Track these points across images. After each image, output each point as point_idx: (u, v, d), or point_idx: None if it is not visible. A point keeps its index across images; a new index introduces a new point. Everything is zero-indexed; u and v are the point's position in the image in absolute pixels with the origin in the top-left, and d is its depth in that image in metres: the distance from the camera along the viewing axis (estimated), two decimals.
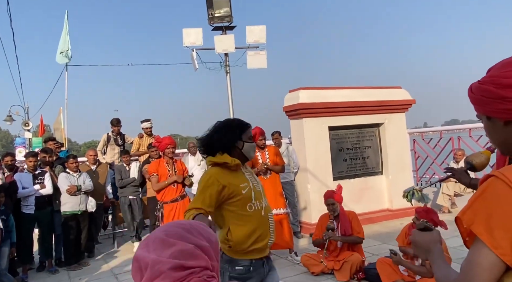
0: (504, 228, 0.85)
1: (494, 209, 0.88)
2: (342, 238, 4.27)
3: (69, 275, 5.13)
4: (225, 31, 7.53)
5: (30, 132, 19.02)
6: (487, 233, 0.87)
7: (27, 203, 5.08)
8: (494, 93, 0.98)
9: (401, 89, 7.27)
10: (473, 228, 0.90)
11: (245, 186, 2.18)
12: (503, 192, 0.88)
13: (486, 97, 1.01)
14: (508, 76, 0.97)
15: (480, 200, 0.92)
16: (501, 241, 0.85)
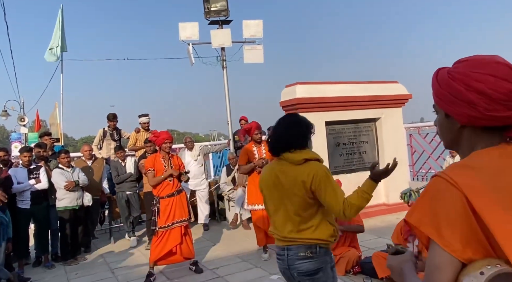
0: (450, 224, 0.85)
1: (438, 207, 0.87)
2: (345, 227, 4.28)
3: (66, 270, 5.13)
4: (222, 25, 7.49)
5: (26, 127, 18.91)
6: (436, 232, 0.86)
7: (23, 198, 5.06)
8: (464, 95, 0.92)
9: (398, 84, 7.27)
10: (423, 229, 0.89)
11: None
12: (445, 189, 0.88)
13: (453, 96, 0.94)
14: (481, 81, 0.90)
15: (425, 200, 0.91)
16: (450, 238, 0.85)
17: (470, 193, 0.84)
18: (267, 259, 4.88)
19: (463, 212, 0.84)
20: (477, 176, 0.87)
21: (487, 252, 0.84)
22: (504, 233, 0.81)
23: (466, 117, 0.94)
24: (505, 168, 0.89)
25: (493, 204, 0.83)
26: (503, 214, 0.82)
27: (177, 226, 4.50)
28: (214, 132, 27.79)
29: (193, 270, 4.65)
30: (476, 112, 0.92)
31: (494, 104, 0.90)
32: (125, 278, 4.65)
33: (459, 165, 0.94)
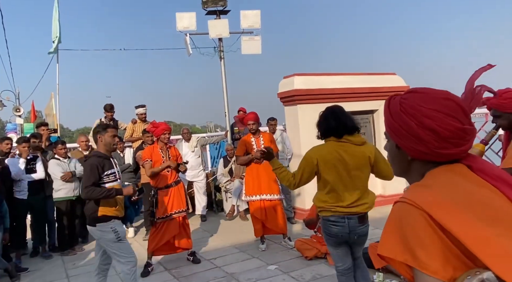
0: (423, 245, 0.83)
1: (406, 231, 0.86)
2: None
3: (63, 260, 5.14)
4: (219, 15, 7.42)
5: (22, 118, 18.78)
6: (412, 257, 0.84)
7: (20, 188, 5.05)
8: (414, 131, 0.94)
9: (396, 76, 7.27)
10: (399, 258, 0.86)
11: None
12: (407, 212, 0.87)
13: (404, 131, 0.96)
14: (431, 117, 0.92)
15: (391, 229, 0.90)
16: (427, 259, 0.82)
17: (432, 209, 0.84)
18: (264, 249, 4.92)
19: (430, 230, 0.84)
20: (434, 193, 0.88)
21: (468, 266, 0.83)
22: (473, 239, 0.80)
23: (416, 152, 0.97)
24: (457, 183, 0.90)
25: (455, 214, 0.83)
26: (468, 222, 0.82)
27: (175, 216, 4.51)
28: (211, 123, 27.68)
29: (190, 260, 4.68)
30: (425, 148, 0.94)
31: (442, 142, 0.92)
32: None
33: (416, 186, 0.95)
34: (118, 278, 4.40)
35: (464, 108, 0.95)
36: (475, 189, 0.90)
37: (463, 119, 0.93)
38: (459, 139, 0.93)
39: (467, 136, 0.94)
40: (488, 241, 0.80)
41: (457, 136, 0.92)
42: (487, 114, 9.15)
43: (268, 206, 4.89)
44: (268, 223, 4.93)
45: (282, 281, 3.97)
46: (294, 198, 6.53)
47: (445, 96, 0.95)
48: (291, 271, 4.16)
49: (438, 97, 0.95)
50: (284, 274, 4.12)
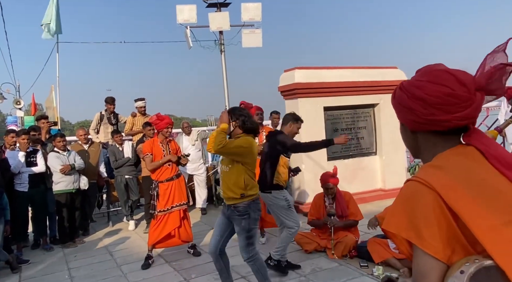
0: (429, 225, 0.84)
1: (415, 209, 0.87)
2: (343, 223, 4.33)
3: (64, 253, 5.16)
4: (220, 8, 7.37)
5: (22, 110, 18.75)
6: (416, 235, 0.85)
7: (20, 180, 5.05)
8: (406, 102, 0.99)
9: (397, 70, 7.23)
10: (403, 234, 0.88)
11: None
12: (419, 192, 0.88)
13: (400, 105, 1.01)
14: (420, 87, 0.96)
15: (400, 205, 0.91)
16: (430, 239, 0.84)
17: (444, 192, 0.85)
18: (264, 242, 4.93)
19: (439, 211, 0.84)
20: (447, 176, 0.88)
21: (467, 252, 0.84)
22: (481, 227, 0.81)
23: (410, 123, 1.00)
24: (470, 167, 0.91)
25: (467, 200, 0.84)
26: (478, 209, 0.83)
27: (176, 209, 4.52)
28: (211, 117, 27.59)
29: (191, 253, 4.70)
30: (415, 117, 0.97)
31: (430, 108, 0.94)
32: (123, 261, 4.69)
33: (429, 167, 0.95)
34: (115, 262, 4.42)
35: (458, 77, 0.94)
36: (488, 176, 0.90)
37: (453, 86, 0.93)
38: (448, 105, 0.93)
39: (461, 103, 0.93)
40: (494, 230, 0.81)
41: (446, 102, 0.93)
42: (488, 109, 9.11)
43: None
44: (267, 217, 4.93)
45: (281, 273, 3.98)
46: (294, 192, 6.54)
47: (437, 68, 0.99)
48: None
49: (431, 69, 0.99)
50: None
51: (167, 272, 4.25)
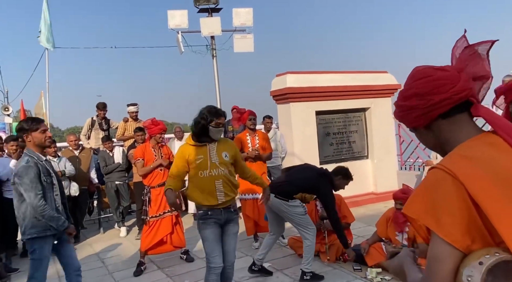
0: (450, 214, 0.85)
1: (437, 197, 0.88)
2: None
3: (54, 260, 5.06)
4: (211, 13, 7.39)
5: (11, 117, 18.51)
6: (436, 222, 0.87)
7: (9, 187, 4.96)
8: (405, 106, 1.06)
9: (387, 74, 7.31)
10: (422, 220, 0.89)
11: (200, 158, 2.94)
12: (443, 180, 0.89)
13: (402, 112, 1.08)
14: (410, 88, 1.05)
15: (423, 192, 0.92)
16: (450, 228, 0.85)
17: (468, 182, 0.85)
18: (257, 247, 4.91)
19: (462, 201, 0.85)
20: (473, 165, 0.89)
21: (486, 242, 0.85)
22: (503, 220, 0.81)
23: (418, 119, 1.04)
24: (495, 157, 0.91)
25: (491, 192, 0.84)
26: (502, 202, 0.83)
27: (168, 215, 4.48)
28: None
29: (184, 259, 4.66)
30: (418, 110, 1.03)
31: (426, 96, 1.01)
32: (115, 268, 4.63)
33: (455, 155, 0.95)
34: (106, 269, 4.36)
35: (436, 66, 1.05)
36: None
37: (435, 73, 1.02)
38: (439, 87, 1.00)
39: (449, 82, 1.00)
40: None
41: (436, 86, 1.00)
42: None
43: (261, 205, 4.88)
44: (261, 222, 4.92)
45: (275, 278, 3.98)
46: None
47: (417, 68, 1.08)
48: (285, 268, 4.17)
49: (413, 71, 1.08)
50: (277, 271, 4.12)
51: (160, 279, 4.21)
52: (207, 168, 2.93)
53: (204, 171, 2.93)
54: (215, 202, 2.95)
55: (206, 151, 2.97)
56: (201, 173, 2.93)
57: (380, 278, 3.70)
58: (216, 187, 2.95)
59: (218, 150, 3.01)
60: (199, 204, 3.00)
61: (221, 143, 3.06)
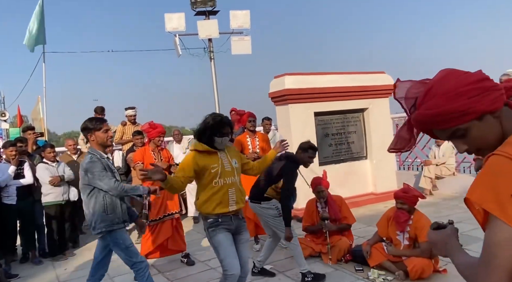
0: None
1: (500, 183, 0.89)
2: (337, 227, 4.34)
3: (54, 266, 5.05)
4: (208, 16, 7.40)
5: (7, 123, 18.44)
6: (499, 208, 0.87)
7: (8, 193, 4.94)
8: (479, 89, 0.98)
9: (385, 75, 7.33)
10: (485, 206, 0.90)
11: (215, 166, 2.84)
12: (506, 166, 0.90)
13: (477, 95, 0.98)
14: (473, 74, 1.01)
15: (486, 177, 0.93)
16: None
17: None
18: (258, 250, 4.89)
19: None
20: None
21: None
22: None
23: (495, 101, 0.99)
24: None
25: None
26: None
27: (168, 219, 4.47)
28: None
29: (184, 262, 4.64)
30: (497, 92, 0.99)
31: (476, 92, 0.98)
32: (115, 272, 4.60)
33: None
34: (106, 274, 4.33)
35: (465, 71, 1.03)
36: None
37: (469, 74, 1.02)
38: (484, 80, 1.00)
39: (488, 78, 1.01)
40: None
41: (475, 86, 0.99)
42: None
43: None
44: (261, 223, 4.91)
45: (277, 280, 3.96)
46: None
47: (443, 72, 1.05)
48: (286, 270, 4.15)
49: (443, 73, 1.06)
50: (279, 273, 4.11)
51: None
52: (222, 176, 2.85)
53: (219, 180, 2.85)
54: (227, 210, 2.87)
55: (218, 159, 2.89)
56: (215, 182, 2.84)
57: (382, 279, 3.70)
58: (229, 195, 2.88)
59: (228, 157, 2.96)
60: (209, 213, 2.89)
61: (229, 150, 3.01)
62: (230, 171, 2.89)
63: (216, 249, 2.88)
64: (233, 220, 2.92)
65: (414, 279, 3.56)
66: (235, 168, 2.95)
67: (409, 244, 3.76)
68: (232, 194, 2.89)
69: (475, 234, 4.66)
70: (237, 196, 2.91)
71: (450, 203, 6.51)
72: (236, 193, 2.91)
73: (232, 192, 2.88)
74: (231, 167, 2.92)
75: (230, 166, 2.91)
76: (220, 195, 2.84)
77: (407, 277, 3.62)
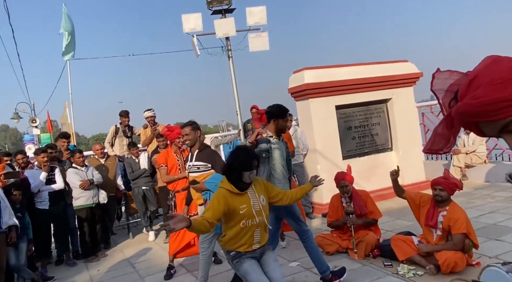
0: None
1: None
2: (363, 221, 4.28)
3: (87, 267, 5.22)
4: (225, 14, 7.38)
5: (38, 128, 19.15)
6: None
7: (41, 199, 5.14)
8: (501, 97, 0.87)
9: (408, 63, 7.12)
10: None
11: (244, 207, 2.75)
12: None
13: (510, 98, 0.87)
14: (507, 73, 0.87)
15: None
16: None
17: None
18: (284, 246, 4.89)
19: None
20: None
21: None
22: None
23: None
24: None
25: None
26: None
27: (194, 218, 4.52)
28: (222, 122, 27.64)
29: (212, 261, 4.68)
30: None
31: None
32: (146, 272, 4.72)
33: None
34: (137, 273, 4.45)
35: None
36: None
37: None
38: None
39: None
40: None
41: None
42: None
43: None
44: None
45: (305, 277, 3.95)
46: (311, 193, 6.48)
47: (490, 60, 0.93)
48: (313, 267, 4.11)
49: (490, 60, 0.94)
50: (306, 270, 4.09)
51: (190, 281, 4.25)
52: (251, 216, 2.77)
53: (247, 220, 2.77)
54: (250, 249, 2.83)
55: (248, 198, 2.81)
56: (243, 223, 2.76)
57: (412, 274, 3.61)
58: (255, 236, 2.82)
59: (257, 195, 2.87)
60: (233, 250, 2.83)
61: (256, 184, 2.91)
62: (258, 211, 2.82)
63: (246, 278, 2.83)
64: (254, 252, 2.86)
65: (446, 273, 3.45)
66: (264, 206, 2.87)
67: (442, 235, 3.65)
68: (257, 234, 2.83)
69: (509, 224, 4.49)
70: (262, 235, 2.85)
71: (482, 192, 6.29)
72: (261, 233, 2.85)
73: (257, 232, 2.83)
74: (259, 206, 2.84)
75: (259, 205, 2.84)
76: (246, 236, 2.79)
77: (438, 271, 3.51)
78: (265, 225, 2.86)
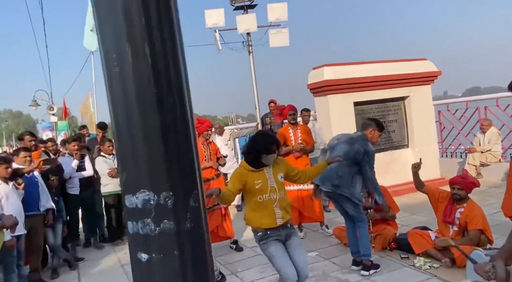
0: None
1: None
2: (381, 215, 4.44)
3: (115, 250, 5.51)
4: (247, 10, 7.54)
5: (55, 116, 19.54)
6: None
7: (72, 184, 5.42)
8: None
9: (426, 61, 7.20)
10: None
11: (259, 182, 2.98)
12: None
13: None
14: None
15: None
16: None
17: None
18: (303, 237, 5.09)
19: None
20: None
21: None
22: None
23: None
24: None
25: None
26: None
27: (217, 208, 4.75)
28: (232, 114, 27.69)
29: (233, 248, 4.92)
30: None
31: None
32: None
33: None
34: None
35: None
36: None
37: None
38: None
39: None
40: None
41: None
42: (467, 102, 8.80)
43: (305, 195, 5.05)
44: (305, 212, 5.10)
45: (324, 266, 4.15)
46: None
47: None
48: (332, 257, 4.33)
49: None
50: (325, 260, 4.29)
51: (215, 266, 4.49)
52: (267, 191, 2.96)
53: (263, 195, 2.96)
54: (274, 225, 2.98)
55: (264, 175, 3.00)
56: (260, 197, 2.96)
57: (428, 266, 3.79)
58: (275, 210, 2.98)
59: (274, 173, 3.04)
60: (258, 227, 3.03)
61: (275, 164, 3.10)
62: (274, 187, 2.99)
63: (271, 260, 3.02)
64: (281, 230, 3.02)
65: (462, 266, 3.61)
66: (280, 182, 3.04)
67: (458, 230, 3.81)
68: (277, 209, 2.99)
69: None
70: (282, 210, 3.01)
71: (496, 190, 6.39)
72: (281, 207, 3.01)
73: (277, 207, 2.98)
74: (276, 183, 3.01)
75: (275, 182, 3.01)
76: (265, 210, 2.97)
77: (454, 264, 3.68)
78: (284, 201, 3.03)
